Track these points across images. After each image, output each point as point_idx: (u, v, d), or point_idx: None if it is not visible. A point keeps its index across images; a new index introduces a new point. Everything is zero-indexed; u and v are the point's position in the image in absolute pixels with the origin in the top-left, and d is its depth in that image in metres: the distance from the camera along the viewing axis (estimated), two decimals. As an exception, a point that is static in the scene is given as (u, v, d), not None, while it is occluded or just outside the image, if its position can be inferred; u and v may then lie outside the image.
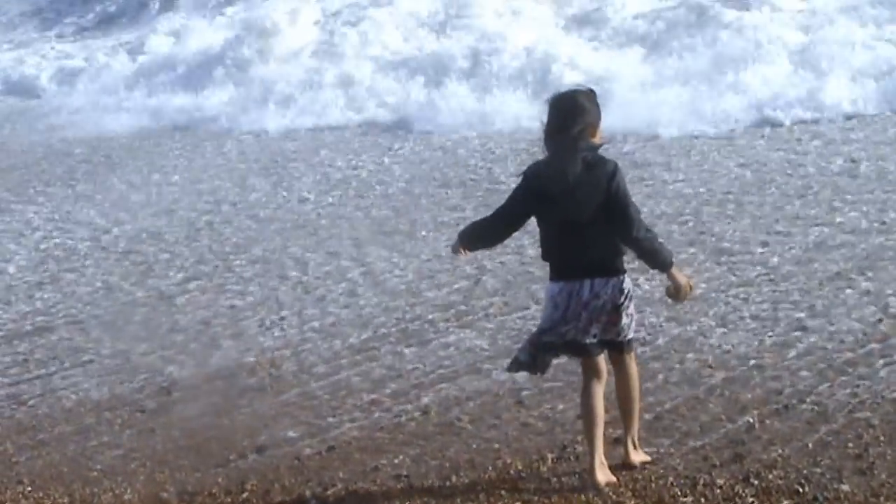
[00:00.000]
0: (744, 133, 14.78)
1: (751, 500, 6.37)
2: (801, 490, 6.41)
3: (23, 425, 8.50)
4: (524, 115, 15.85)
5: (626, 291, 6.54)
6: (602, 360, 6.68)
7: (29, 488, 7.53)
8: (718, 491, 6.50)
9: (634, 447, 6.88)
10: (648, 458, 6.91)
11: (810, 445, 6.89)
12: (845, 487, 6.41)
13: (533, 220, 6.67)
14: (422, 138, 16.50)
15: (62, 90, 23.84)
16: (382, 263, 11.16)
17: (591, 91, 6.58)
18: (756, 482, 6.54)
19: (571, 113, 6.41)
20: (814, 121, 14.78)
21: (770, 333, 8.59)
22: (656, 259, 6.54)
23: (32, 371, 9.51)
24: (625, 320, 6.58)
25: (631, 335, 6.70)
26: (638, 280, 9.12)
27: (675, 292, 6.66)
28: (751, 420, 7.27)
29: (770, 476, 6.59)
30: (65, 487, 7.51)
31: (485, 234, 6.83)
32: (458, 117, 17.12)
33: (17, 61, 26.42)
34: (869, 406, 7.31)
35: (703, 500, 6.44)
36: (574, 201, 6.38)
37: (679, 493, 6.53)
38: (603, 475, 6.64)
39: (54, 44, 28.32)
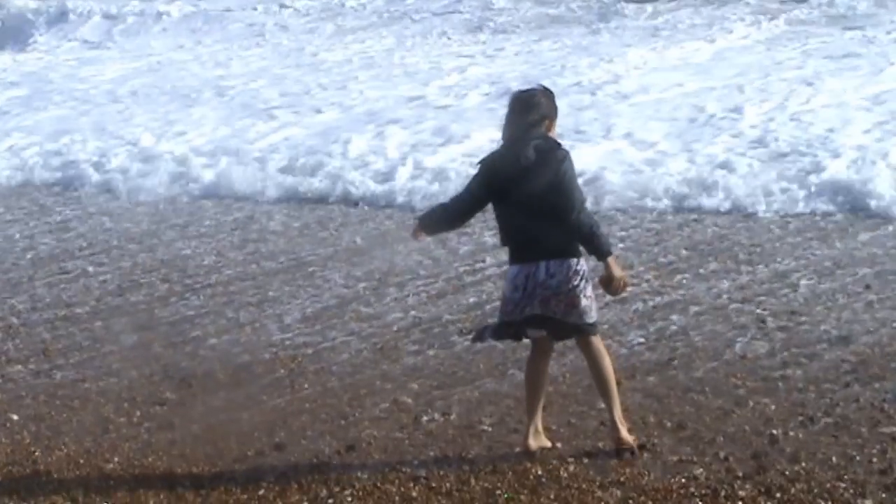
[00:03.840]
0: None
1: (773, 512, 6.35)
2: (824, 504, 6.38)
3: (40, 416, 8.47)
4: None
5: (580, 273, 6.82)
6: (549, 340, 7.10)
7: (44, 479, 7.48)
8: (740, 503, 6.46)
9: (622, 425, 7.09)
10: (635, 440, 7.12)
11: (834, 459, 6.84)
12: (868, 503, 6.36)
13: None
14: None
15: None
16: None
17: (548, 89, 7.03)
18: (779, 495, 6.49)
19: (527, 105, 6.89)
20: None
21: (795, 345, 8.53)
22: (594, 244, 6.82)
23: (53, 360, 9.49)
24: (584, 303, 6.87)
25: (594, 318, 6.99)
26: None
27: (608, 282, 6.91)
28: (775, 432, 7.22)
29: (793, 489, 6.54)
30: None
31: (445, 218, 7.22)
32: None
33: None
34: (894, 419, 7.26)
35: (724, 511, 6.42)
36: (526, 184, 6.73)
37: (700, 504, 6.50)
38: (535, 441, 7.16)
39: None
